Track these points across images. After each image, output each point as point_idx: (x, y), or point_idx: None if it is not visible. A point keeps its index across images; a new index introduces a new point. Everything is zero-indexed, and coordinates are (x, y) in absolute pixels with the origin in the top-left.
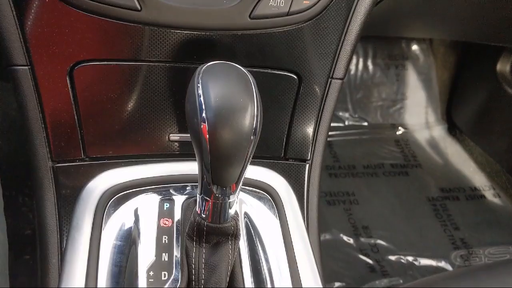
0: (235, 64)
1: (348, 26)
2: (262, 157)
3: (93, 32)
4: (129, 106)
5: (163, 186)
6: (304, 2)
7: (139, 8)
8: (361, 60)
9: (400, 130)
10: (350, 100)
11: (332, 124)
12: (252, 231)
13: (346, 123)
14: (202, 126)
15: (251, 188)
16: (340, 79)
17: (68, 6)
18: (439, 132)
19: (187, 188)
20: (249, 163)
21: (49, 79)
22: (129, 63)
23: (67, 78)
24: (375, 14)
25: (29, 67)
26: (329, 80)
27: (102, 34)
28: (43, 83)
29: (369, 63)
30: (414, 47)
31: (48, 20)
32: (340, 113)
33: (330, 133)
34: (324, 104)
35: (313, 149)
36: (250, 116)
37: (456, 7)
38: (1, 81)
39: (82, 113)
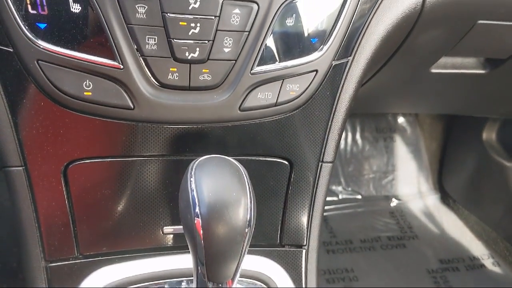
0: (227, 158)
1: (335, 112)
2: (257, 245)
3: (87, 131)
4: (123, 201)
5: (158, 282)
6: (291, 93)
7: (132, 106)
8: (349, 134)
9: (394, 202)
10: (342, 174)
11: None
12: None
13: (340, 196)
14: (195, 221)
15: (247, 280)
16: (330, 162)
17: (63, 108)
18: (432, 201)
19: (183, 283)
20: (244, 257)
21: (43, 179)
22: (123, 159)
23: (61, 177)
24: (360, 94)
25: (24, 167)
26: (320, 164)
27: (95, 133)
28: (37, 183)
29: (358, 137)
30: (401, 119)
31: (43, 122)
32: (333, 187)
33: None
34: (316, 188)
35: (308, 234)
36: (243, 209)
37: (438, 86)
38: None
39: (76, 211)
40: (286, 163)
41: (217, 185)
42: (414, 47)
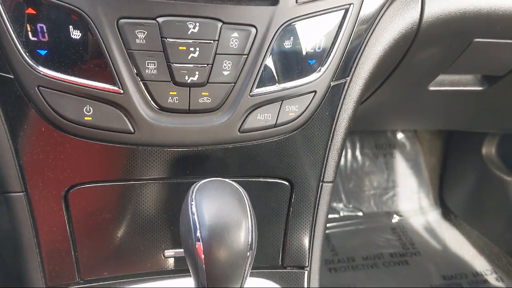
0: (227, 180)
1: (334, 131)
2: (259, 267)
3: (87, 156)
4: (124, 225)
5: None
6: (290, 114)
7: (132, 130)
8: (349, 151)
9: (396, 218)
10: (343, 190)
11: None
12: None
13: (341, 213)
14: (197, 245)
15: None
16: (330, 182)
17: (63, 133)
18: (434, 217)
19: None
20: (246, 280)
21: (44, 204)
22: (123, 183)
23: (62, 202)
24: (359, 112)
25: (24, 193)
26: (321, 184)
27: (96, 157)
28: (38, 208)
29: (358, 153)
30: (400, 135)
31: (44, 147)
32: (334, 204)
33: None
34: (317, 208)
35: (310, 255)
36: (245, 232)
37: (437, 103)
38: None
39: (76, 236)
40: (287, 183)
41: (218, 208)
42: (412, 65)
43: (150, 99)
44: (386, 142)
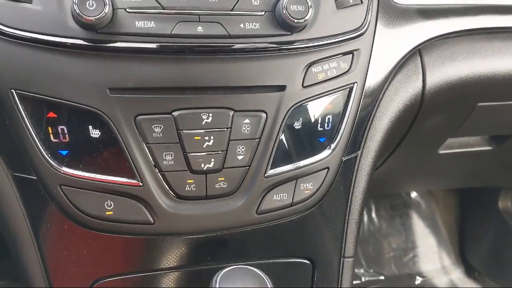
0: (249, 268)
1: (350, 205)
2: None
3: (110, 250)
4: None
5: None
6: (305, 192)
7: (152, 221)
8: (365, 215)
9: (418, 279)
10: (362, 255)
11: None
12: None
13: (363, 279)
14: None
15: None
16: (351, 257)
17: (85, 228)
18: (457, 275)
19: None
20: None
21: None
22: (146, 274)
23: None
24: (372, 179)
25: None
26: (342, 259)
27: (118, 250)
28: None
29: (374, 216)
30: (414, 195)
31: (66, 243)
32: (355, 270)
33: None
34: (340, 284)
35: None
36: None
37: (448, 164)
38: None
39: None
40: (308, 262)
41: None
42: (420, 132)
43: (168, 189)
44: (401, 203)
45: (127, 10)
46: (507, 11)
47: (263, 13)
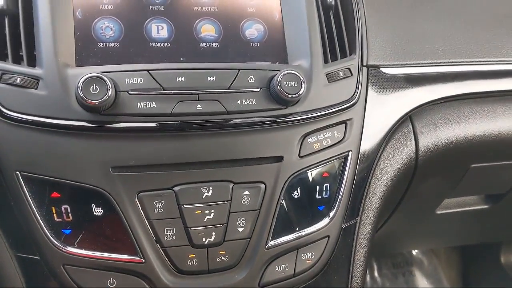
0: None
1: (352, 273)
2: None
3: None
4: None
5: None
6: (307, 261)
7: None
8: (367, 274)
9: None
10: None
11: None
12: None
13: None
14: None
15: None
16: None
17: None
18: None
19: None
20: None
21: None
22: None
23: None
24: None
25: None
26: None
27: None
28: None
29: (376, 275)
30: (416, 252)
31: None
32: None
33: None
34: None
35: None
36: None
37: (447, 223)
38: None
39: None
40: None
41: None
42: (416, 195)
43: (170, 264)
44: (403, 260)
45: (129, 92)
46: (493, 76)
47: (258, 89)
